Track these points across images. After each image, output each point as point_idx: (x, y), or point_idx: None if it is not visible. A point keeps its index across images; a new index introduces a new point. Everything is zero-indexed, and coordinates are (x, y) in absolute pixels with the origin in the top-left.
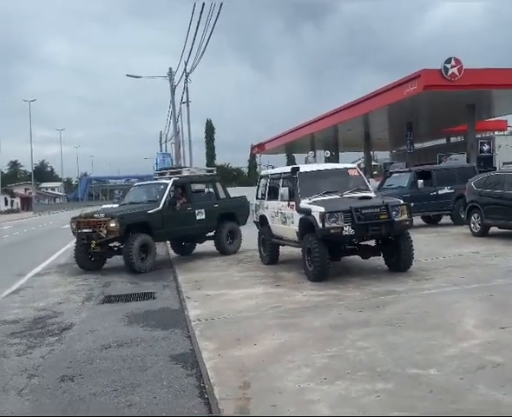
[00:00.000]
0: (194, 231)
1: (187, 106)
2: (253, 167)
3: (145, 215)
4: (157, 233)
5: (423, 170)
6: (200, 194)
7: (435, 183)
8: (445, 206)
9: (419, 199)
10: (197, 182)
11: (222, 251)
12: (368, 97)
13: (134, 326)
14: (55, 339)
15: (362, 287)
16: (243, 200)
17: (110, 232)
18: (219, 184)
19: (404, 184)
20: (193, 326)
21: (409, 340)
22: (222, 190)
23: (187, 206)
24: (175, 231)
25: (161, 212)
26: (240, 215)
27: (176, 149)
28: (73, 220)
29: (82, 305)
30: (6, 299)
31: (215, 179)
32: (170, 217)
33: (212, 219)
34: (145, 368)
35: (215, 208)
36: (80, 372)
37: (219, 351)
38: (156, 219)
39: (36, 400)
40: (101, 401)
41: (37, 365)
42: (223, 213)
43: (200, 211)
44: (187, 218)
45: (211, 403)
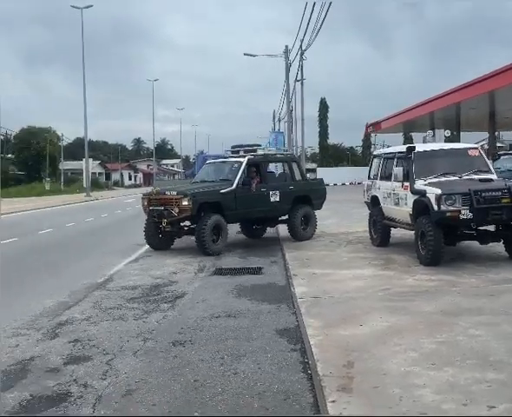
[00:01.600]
0: (267, 214)
1: (301, 84)
2: (367, 146)
3: (218, 194)
4: (229, 214)
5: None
6: (275, 174)
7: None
8: None
9: None
10: (272, 162)
11: (295, 237)
12: (495, 73)
13: (241, 298)
14: (169, 306)
15: (477, 274)
16: (320, 183)
17: (182, 210)
18: (295, 164)
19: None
20: (299, 302)
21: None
22: (298, 171)
23: (261, 187)
24: (248, 212)
25: (235, 192)
26: (316, 198)
27: (289, 128)
28: (144, 196)
29: (194, 275)
30: (127, 266)
31: (292, 158)
32: (243, 198)
33: (286, 202)
34: (251, 339)
35: (290, 191)
36: (190, 338)
37: (324, 329)
38: (229, 199)
39: (149, 361)
40: (208, 367)
41: (152, 329)
42: (298, 196)
43: (275, 193)
44: (261, 199)
45: (314, 379)
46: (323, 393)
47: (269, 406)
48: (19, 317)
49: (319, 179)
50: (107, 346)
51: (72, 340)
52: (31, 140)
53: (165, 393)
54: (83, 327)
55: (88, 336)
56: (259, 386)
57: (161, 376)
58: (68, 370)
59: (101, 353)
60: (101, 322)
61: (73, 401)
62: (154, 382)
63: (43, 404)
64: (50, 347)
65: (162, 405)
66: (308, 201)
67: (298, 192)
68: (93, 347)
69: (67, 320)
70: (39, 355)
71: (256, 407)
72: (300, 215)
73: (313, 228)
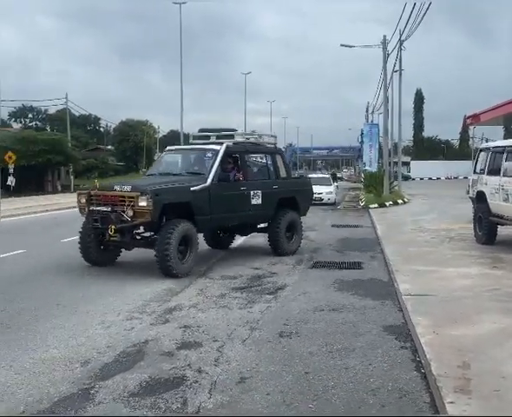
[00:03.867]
0: (247, 220)
1: (399, 74)
2: (465, 139)
3: (188, 193)
4: (202, 220)
5: None
6: (256, 168)
7: None
8: None
9: None
10: (255, 153)
11: (277, 250)
12: None
13: (343, 292)
14: (272, 297)
15: None
16: (306, 182)
17: (138, 214)
18: (280, 158)
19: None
20: (404, 299)
21: None
22: (283, 166)
23: (241, 185)
24: (225, 218)
25: (209, 190)
26: (303, 201)
27: (385, 119)
28: (81, 192)
29: (293, 268)
30: (226, 256)
31: (277, 150)
32: (220, 198)
33: (269, 205)
34: (358, 335)
35: (274, 191)
36: (296, 330)
37: (434, 328)
38: (202, 200)
39: (258, 351)
40: (318, 360)
41: (257, 319)
42: (283, 198)
43: (257, 193)
44: (241, 201)
45: (428, 379)
46: (440, 394)
47: (384, 403)
48: (131, 302)
49: (304, 177)
50: (215, 333)
51: (182, 326)
52: (129, 132)
53: (277, 383)
54: (191, 313)
55: (197, 323)
56: (371, 382)
57: (272, 366)
58: (181, 355)
59: (211, 339)
60: (208, 310)
61: (189, 386)
62: (265, 371)
63: (162, 387)
64: (163, 332)
65: (276, 394)
66: (294, 205)
67: (284, 193)
68: (203, 334)
69: (175, 306)
70: (153, 339)
71: (371, 403)
72: (286, 222)
73: (299, 240)
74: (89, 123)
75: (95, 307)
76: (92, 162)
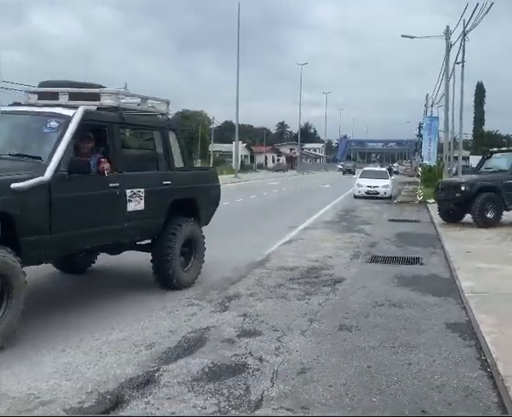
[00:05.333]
0: (118, 238)
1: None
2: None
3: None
4: (32, 243)
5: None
6: (135, 153)
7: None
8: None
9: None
10: (137, 127)
11: (165, 278)
12: None
13: (403, 288)
14: (329, 289)
15: None
16: (210, 175)
17: None
18: (174, 137)
19: (506, 167)
20: (467, 297)
21: None
22: (179, 151)
23: (110, 180)
24: (78, 239)
25: (50, 188)
26: (207, 205)
27: (446, 112)
28: None
29: (350, 261)
30: (282, 247)
31: (169, 125)
32: (71, 203)
33: (157, 211)
34: (420, 331)
35: (166, 190)
36: (356, 324)
37: (500, 327)
38: (34, 206)
39: (319, 342)
40: (379, 355)
41: (316, 311)
42: (178, 199)
43: (137, 194)
44: (109, 208)
45: (495, 378)
46: (508, 394)
47: (451, 400)
48: (191, 289)
49: (209, 168)
50: (274, 323)
51: (241, 315)
52: (185, 123)
53: (339, 376)
54: (250, 302)
55: (256, 312)
56: (436, 379)
57: (333, 358)
58: (242, 342)
59: (271, 329)
60: (266, 299)
61: (251, 373)
62: (326, 363)
63: (224, 373)
64: (223, 319)
65: (338, 387)
66: (194, 211)
67: (180, 192)
68: (262, 323)
69: (234, 294)
70: (214, 326)
71: (436, 400)
72: (182, 237)
73: (199, 265)
74: None
75: (156, 293)
76: None
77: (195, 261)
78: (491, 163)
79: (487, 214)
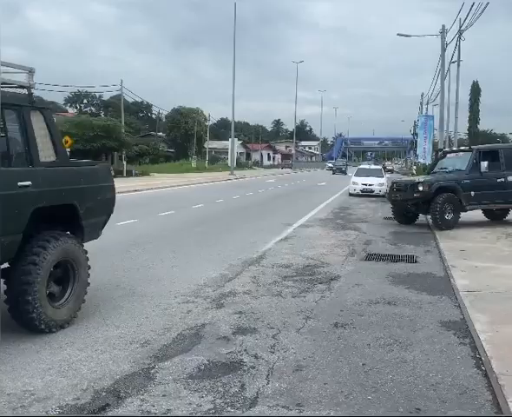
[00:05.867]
0: None
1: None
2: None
3: None
4: None
5: (487, 150)
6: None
7: (503, 167)
8: (510, 198)
9: (482, 187)
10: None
11: (25, 323)
12: None
13: (398, 286)
14: (325, 287)
15: None
16: (100, 172)
17: None
18: (40, 119)
19: (463, 167)
20: (461, 295)
21: None
22: (49, 138)
23: None
24: None
25: None
26: (93, 213)
27: (441, 111)
28: None
29: (345, 259)
30: (277, 244)
31: (31, 102)
32: None
33: (8, 225)
34: (415, 329)
35: (23, 195)
36: (351, 321)
37: (494, 325)
38: None
39: (314, 340)
40: (374, 353)
41: (311, 308)
42: (46, 208)
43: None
44: None
45: (489, 376)
46: (502, 392)
47: (445, 398)
48: (186, 286)
49: (98, 162)
50: (270, 320)
51: (237, 312)
52: (181, 120)
53: (335, 373)
54: (245, 299)
55: (252, 309)
56: (431, 377)
57: (328, 356)
58: (237, 340)
59: (266, 326)
60: (262, 297)
61: (247, 371)
62: (321, 361)
63: (220, 370)
64: (218, 316)
65: (334, 384)
66: (72, 222)
67: (47, 197)
68: (257, 321)
69: (229, 291)
70: (209, 323)
71: (431, 397)
72: (49, 261)
73: (81, 295)
74: (141, 110)
75: (151, 290)
76: (144, 149)
77: (74, 291)
78: (445, 163)
79: (446, 215)
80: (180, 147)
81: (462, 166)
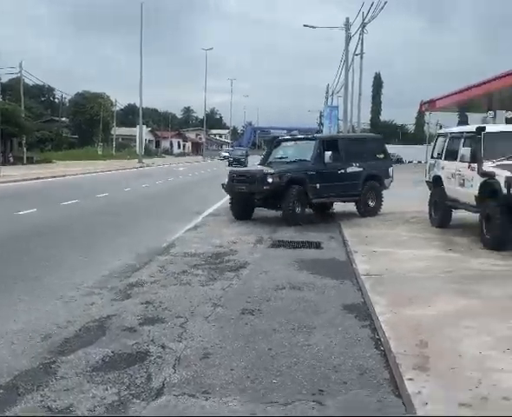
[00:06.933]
0: None
1: (360, 58)
2: (421, 125)
3: None
4: None
5: (329, 139)
6: None
7: (343, 158)
8: (353, 190)
9: (326, 179)
10: None
11: None
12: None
13: (304, 271)
14: (233, 274)
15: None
16: None
17: None
18: None
19: (306, 157)
20: (362, 279)
21: None
22: None
23: None
24: None
25: None
26: None
27: (345, 101)
28: None
29: (253, 246)
30: (187, 233)
31: None
32: None
33: None
34: (319, 313)
35: None
36: (258, 307)
37: (392, 307)
38: None
39: (222, 327)
40: (280, 337)
41: (219, 296)
42: None
43: None
44: None
45: (388, 356)
46: (399, 371)
47: (346, 379)
48: (91, 277)
49: None
50: (178, 309)
51: (144, 302)
52: (85, 104)
53: (241, 359)
54: (153, 289)
55: (159, 299)
56: (333, 359)
57: (235, 342)
58: (144, 330)
59: (174, 315)
60: (170, 286)
61: (153, 361)
62: (229, 348)
63: (125, 362)
64: (124, 307)
65: (240, 370)
66: None
67: None
68: (165, 310)
69: (137, 282)
70: (114, 314)
71: (333, 379)
72: None
73: None
74: (43, 94)
75: (53, 282)
76: (46, 134)
77: None
78: (282, 152)
79: (296, 209)
80: (85, 133)
81: (304, 156)
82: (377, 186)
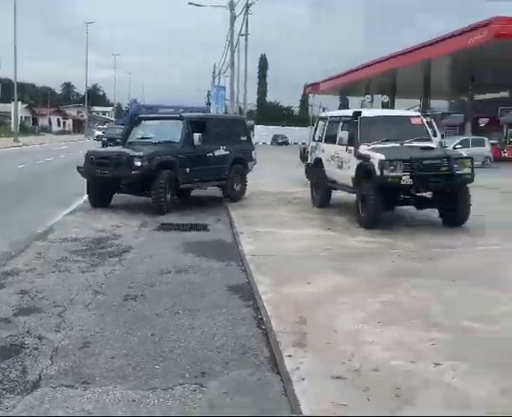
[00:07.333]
0: None
1: (245, 39)
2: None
3: None
4: None
5: (198, 120)
6: None
7: (211, 140)
8: (221, 174)
9: (196, 162)
10: None
11: None
12: (430, 43)
13: (189, 254)
14: (116, 260)
15: (414, 239)
16: None
17: None
18: None
19: (172, 138)
20: (247, 260)
21: (462, 294)
22: None
23: None
24: None
25: None
26: None
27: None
28: None
29: (138, 230)
30: (67, 217)
31: None
32: None
33: None
34: (204, 295)
35: None
36: (142, 293)
37: (274, 286)
38: None
39: (103, 315)
40: (164, 322)
41: (101, 282)
42: None
43: None
44: None
45: (269, 334)
46: (279, 349)
47: (229, 359)
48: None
49: None
50: (56, 298)
51: (19, 292)
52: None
53: (123, 347)
54: (30, 278)
55: (36, 288)
56: (216, 340)
57: (117, 329)
58: (19, 321)
59: (52, 305)
60: (48, 274)
61: (29, 353)
62: (110, 336)
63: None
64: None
65: (121, 357)
66: None
67: None
68: (42, 299)
69: (12, 270)
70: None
71: (216, 360)
72: None
73: None
74: None
75: None
76: None
77: None
78: (144, 132)
79: (167, 195)
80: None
81: (170, 137)
82: (242, 169)
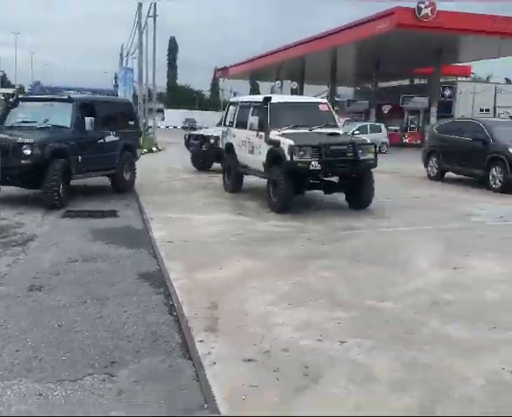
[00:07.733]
0: None
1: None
2: (216, 91)
3: None
4: None
5: (88, 102)
6: None
7: (101, 125)
8: (112, 162)
9: (88, 150)
10: None
11: None
12: (337, 31)
13: (98, 242)
14: (20, 249)
15: (323, 222)
16: None
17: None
18: None
19: (64, 122)
20: (158, 247)
21: (366, 274)
22: None
23: None
24: None
25: None
26: None
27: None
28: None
29: (42, 218)
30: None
31: None
32: None
33: None
34: (113, 284)
35: None
36: (48, 283)
37: (186, 272)
38: None
39: (7, 307)
40: (71, 312)
41: (3, 273)
42: None
43: None
44: None
45: (180, 321)
46: (190, 334)
47: (139, 348)
48: None
49: None
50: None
51: None
52: None
53: (28, 339)
54: None
55: None
56: (126, 329)
57: (22, 321)
58: None
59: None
60: None
61: None
62: (14, 328)
63: None
64: None
65: (27, 350)
66: None
67: None
68: None
69: None
70: None
71: (126, 349)
72: None
73: None
74: None
75: None
76: None
77: None
78: (23, 115)
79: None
80: None
81: (58, 121)
82: (131, 157)
